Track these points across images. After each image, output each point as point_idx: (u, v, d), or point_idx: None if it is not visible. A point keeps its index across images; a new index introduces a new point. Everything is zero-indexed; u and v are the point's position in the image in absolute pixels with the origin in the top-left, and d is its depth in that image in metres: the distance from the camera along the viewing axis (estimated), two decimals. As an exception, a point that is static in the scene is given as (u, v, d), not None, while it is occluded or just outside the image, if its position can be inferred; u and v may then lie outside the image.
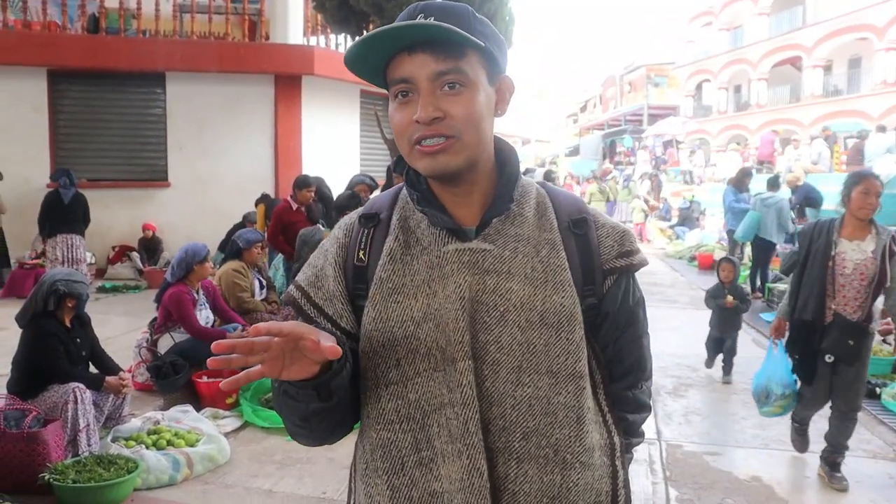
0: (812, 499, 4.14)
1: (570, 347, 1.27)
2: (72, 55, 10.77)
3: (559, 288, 1.28)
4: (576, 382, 1.28)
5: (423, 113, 1.21)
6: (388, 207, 1.37)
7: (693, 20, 39.33)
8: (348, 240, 1.36)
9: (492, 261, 1.27)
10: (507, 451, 1.24)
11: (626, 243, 1.37)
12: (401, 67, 1.23)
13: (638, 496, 4.09)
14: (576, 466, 1.27)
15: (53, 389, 4.27)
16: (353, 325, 1.32)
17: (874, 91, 26.10)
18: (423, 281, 1.27)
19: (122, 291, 9.97)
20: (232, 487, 4.14)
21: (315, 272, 1.37)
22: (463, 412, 1.22)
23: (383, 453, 1.28)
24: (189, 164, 11.32)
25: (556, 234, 1.33)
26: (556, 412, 1.26)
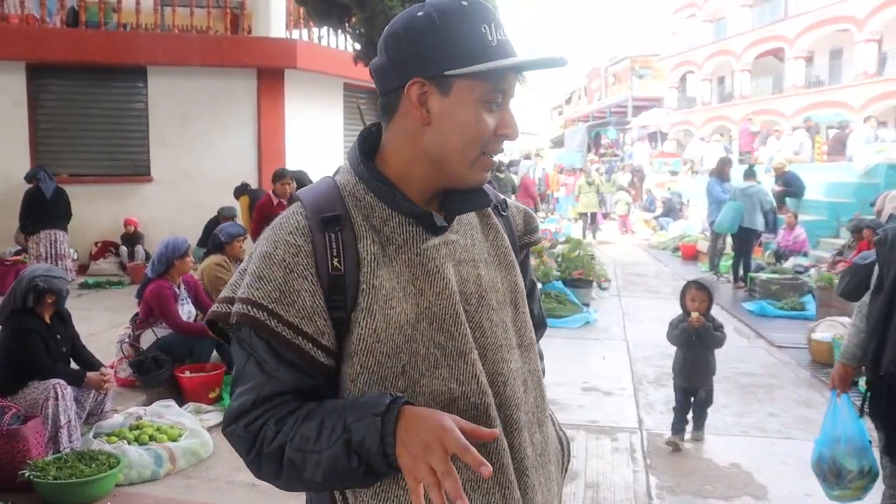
0: (790, 483, 4.19)
1: (526, 319, 1.38)
2: (51, 49, 10.66)
3: (511, 268, 1.37)
4: (533, 350, 1.39)
5: (517, 132, 1.28)
6: (341, 206, 1.26)
7: (677, 12, 39.46)
8: (312, 246, 1.22)
9: (461, 251, 1.30)
10: (508, 425, 1.28)
11: (530, 220, 1.50)
12: (507, 80, 1.26)
13: (619, 485, 4.13)
14: (545, 422, 1.39)
15: (34, 386, 4.24)
16: (333, 343, 1.22)
17: (855, 82, 26.31)
18: (408, 281, 1.23)
19: (104, 287, 9.91)
20: (215, 481, 4.14)
21: (278, 287, 1.19)
22: (482, 400, 1.23)
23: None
24: (171, 159, 11.25)
25: (492, 217, 1.40)
26: (527, 380, 1.35)
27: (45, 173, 9.20)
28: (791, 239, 11.54)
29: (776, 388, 5.84)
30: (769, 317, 8.56)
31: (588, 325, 8.07)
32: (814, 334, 6.71)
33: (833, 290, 8.22)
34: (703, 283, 4.80)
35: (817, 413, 5.27)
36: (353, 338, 1.21)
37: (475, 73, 1.20)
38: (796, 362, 6.64)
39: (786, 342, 7.32)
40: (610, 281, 10.64)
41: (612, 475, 4.25)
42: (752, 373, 6.30)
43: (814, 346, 6.62)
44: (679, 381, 4.77)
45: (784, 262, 11.01)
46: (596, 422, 5.13)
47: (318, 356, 1.20)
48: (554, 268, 9.23)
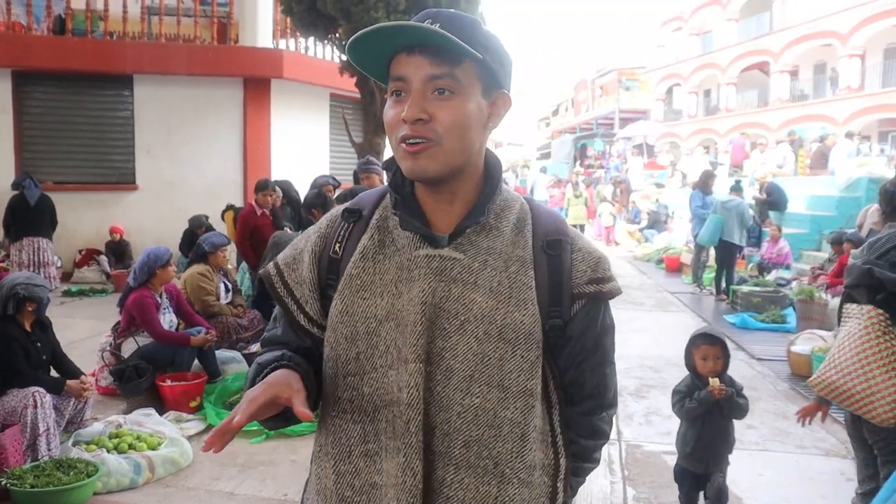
0: (767, 495, 4.23)
1: (523, 365, 1.29)
2: (38, 56, 10.65)
3: (521, 305, 1.29)
4: (525, 399, 1.29)
5: (409, 112, 1.24)
6: (372, 206, 1.40)
7: (664, 25, 39.85)
8: (329, 230, 1.40)
9: (459, 270, 1.29)
10: (446, 457, 1.27)
11: (600, 270, 1.37)
12: (398, 66, 1.27)
13: (596, 496, 4.16)
14: (513, 481, 1.30)
15: (13, 394, 4.23)
16: (317, 313, 1.37)
17: (838, 96, 26.62)
18: (390, 281, 1.30)
19: (88, 295, 9.89)
20: (193, 490, 4.14)
21: (294, 254, 1.42)
22: (406, 412, 1.24)
23: (334, 439, 1.34)
24: (157, 167, 11.25)
25: (528, 252, 1.34)
26: (501, 426, 1.28)
27: (30, 181, 9.21)
28: (775, 251, 11.65)
29: (755, 401, 5.84)
30: (750, 329, 8.63)
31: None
32: (793, 347, 6.77)
33: (814, 302, 8.33)
34: (716, 335, 3.64)
35: (794, 425, 5.30)
36: (329, 314, 1.35)
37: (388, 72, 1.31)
38: (776, 375, 6.70)
39: (766, 354, 7.38)
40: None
41: (590, 486, 4.27)
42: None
43: (793, 358, 6.68)
44: (688, 464, 3.61)
45: (767, 274, 11.11)
46: (575, 432, 5.15)
47: (300, 319, 1.38)
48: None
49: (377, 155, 9.21)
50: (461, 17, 1.29)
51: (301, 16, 9.43)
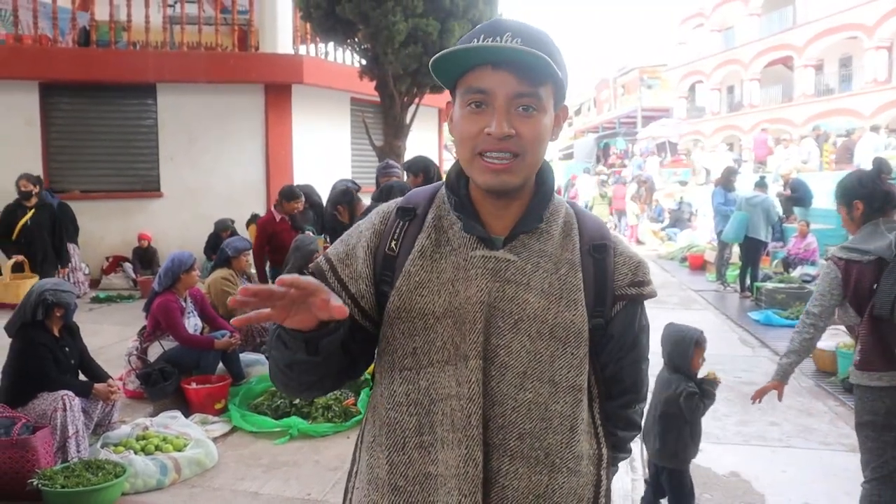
0: (790, 492, 4.22)
1: (573, 362, 1.37)
2: (63, 68, 10.84)
3: (571, 306, 1.36)
4: (574, 394, 1.38)
5: (498, 129, 1.28)
6: (426, 205, 1.45)
7: (685, 22, 39.56)
8: (383, 227, 1.44)
9: (514, 271, 1.36)
10: (502, 448, 1.34)
11: (640, 274, 1.46)
12: (482, 79, 1.29)
13: (617, 492, 4.17)
14: (563, 471, 1.37)
15: (43, 397, 4.34)
16: (372, 308, 1.41)
17: (865, 89, 26.26)
18: (448, 280, 1.35)
19: (115, 301, 10.03)
20: (219, 490, 4.21)
21: (346, 250, 1.44)
22: (468, 406, 1.31)
23: (389, 431, 1.38)
24: (181, 175, 11.39)
25: (576, 255, 1.41)
26: (552, 419, 1.36)
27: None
28: (802, 247, 11.53)
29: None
30: (775, 326, 8.57)
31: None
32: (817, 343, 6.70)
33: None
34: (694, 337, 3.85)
35: (818, 422, 5.31)
36: (385, 309, 1.39)
37: (461, 81, 1.33)
38: (800, 371, 6.62)
39: (790, 351, 7.31)
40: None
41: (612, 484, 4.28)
42: (755, 382, 6.30)
43: (817, 354, 6.62)
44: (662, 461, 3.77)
45: (792, 270, 11.01)
46: (597, 431, 5.16)
47: (354, 313, 1.39)
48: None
49: (397, 158, 9.26)
50: (539, 33, 1.32)
51: (320, 21, 9.49)
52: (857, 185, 3.33)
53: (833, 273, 3.20)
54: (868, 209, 3.26)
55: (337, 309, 1.16)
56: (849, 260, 3.17)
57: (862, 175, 3.43)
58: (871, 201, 3.26)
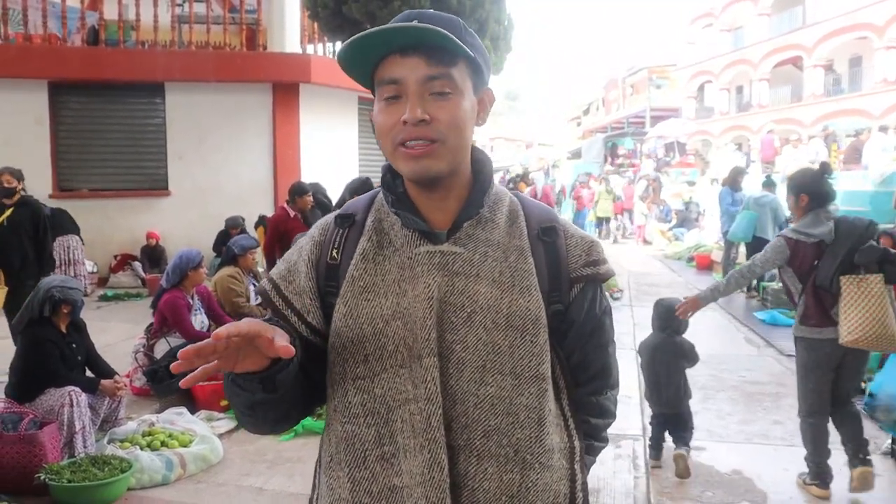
0: (791, 490, 4.22)
1: (534, 350, 1.31)
2: (72, 67, 10.92)
3: (525, 292, 1.32)
4: (538, 384, 1.32)
5: (411, 114, 1.25)
6: (364, 210, 1.42)
7: (694, 21, 39.46)
8: (323, 238, 1.40)
9: (461, 263, 1.31)
10: (468, 449, 1.28)
11: (594, 253, 1.41)
12: (391, 68, 1.27)
13: (619, 490, 4.19)
14: (535, 467, 1.31)
15: (50, 393, 4.38)
16: (320, 321, 1.35)
17: (875, 89, 26.14)
18: (393, 280, 1.31)
19: (123, 299, 10.10)
20: (223, 486, 4.25)
21: (288, 267, 1.40)
22: (426, 408, 1.26)
23: (347, 446, 1.32)
24: (189, 173, 11.45)
25: (525, 241, 1.37)
26: (517, 412, 1.30)
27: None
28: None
29: (783, 397, 5.85)
30: (780, 326, 8.54)
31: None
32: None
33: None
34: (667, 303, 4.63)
35: (822, 420, 5.30)
36: (332, 319, 1.34)
37: (376, 77, 1.31)
38: (805, 370, 6.63)
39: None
40: (622, 291, 10.67)
41: (613, 481, 4.30)
42: (760, 381, 6.33)
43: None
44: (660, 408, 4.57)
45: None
46: (600, 429, 5.17)
47: (302, 329, 1.35)
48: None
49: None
50: (447, 16, 1.31)
51: (327, 20, 9.54)
52: (806, 181, 4.14)
53: (782, 247, 4.09)
54: (812, 201, 4.07)
55: (283, 349, 1.11)
56: (797, 240, 4.05)
57: (809, 173, 4.28)
58: (814, 195, 4.07)
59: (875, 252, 3.89)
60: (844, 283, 3.87)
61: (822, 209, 4.07)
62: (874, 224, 4.08)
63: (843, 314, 3.86)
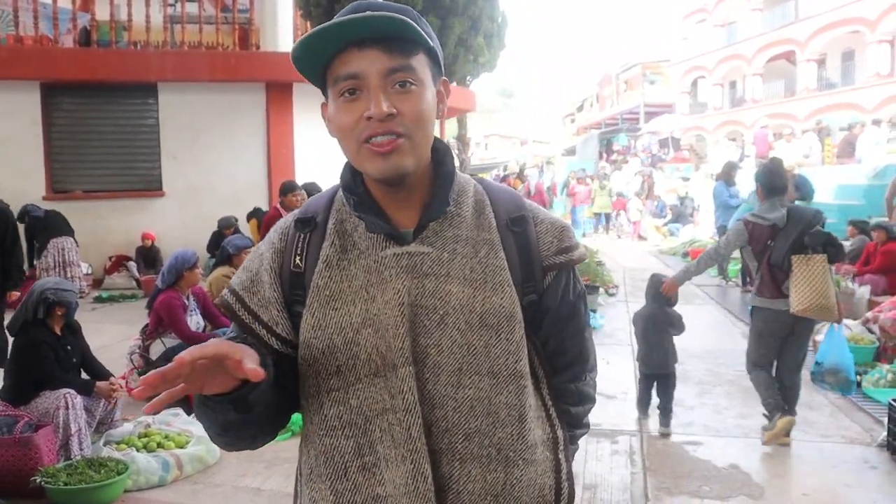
0: (788, 484, 4.23)
1: (510, 347, 1.28)
2: (64, 68, 10.89)
3: (498, 289, 1.28)
4: (517, 382, 1.29)
5: (376, 109, 1.18)
6: (324, 210, 1.34)
7: (687, 17, 39.49)
8: (284, 245, 1.34)
9: (430, 264, 1.27)
10: (450, 453, 1.26)
11: (566, 239, 1.37)
12: (349, 63, 1.20)
13: (616, 486, 4.19)
14: (518, 463, 1.29)
15: (45, 395, 4.36)
16: (289, 332, 1.30)
17: (867, 83, 26.22)
18: (361, 286, 1.26)
19: (118, 301, 10.08)
20: (220, 486, 4.24)
21: (250, 277, 1.33)
22: (406, 418, 1.23)
23: (326, 459, 1.29)
24: (183, 174, 11.43)
25: (494, 233, 1.32)
26: (497, 412, 1.27)
27: (31, 206, 9.60)
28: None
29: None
30: (776, 320, 8.54)
31: (594, 330, 8.14)
32: (818, 336, 6.71)
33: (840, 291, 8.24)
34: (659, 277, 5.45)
35: (818, 415, 5.31)
36: (300, 330, 1.29)
37: (329, 73, 1.24)
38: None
39: (791, 345, 7.31)
40: (617, 287, 10.68)
41: (611, 477, 4.31)
42: (756, 375, 6.32)
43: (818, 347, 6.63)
44: (649, 369, 5.27)
45: (794, 265, 10.99)
46: (598, 425, 5.17)
47: (272, 342, 1.29)
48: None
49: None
50: (401, 6, 1.24)
51: (319, 19, 9.52)
52: (761, 175, 4.94)
53: (742, 230, 4.80)
54: (766, 191, 4.79)
55: (251, 372, 1.05)
56: (754, 223, 4.75)
57: (765, 167, 5.08)
58: (767, 186, 4.80)
59: (821, 236, 4.54)
60: (795, 262, 4.50)
61: (777, 198, 4.75)
62: (820, 213, 4.81)
63: (794, 288, 4.50)
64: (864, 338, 6.32)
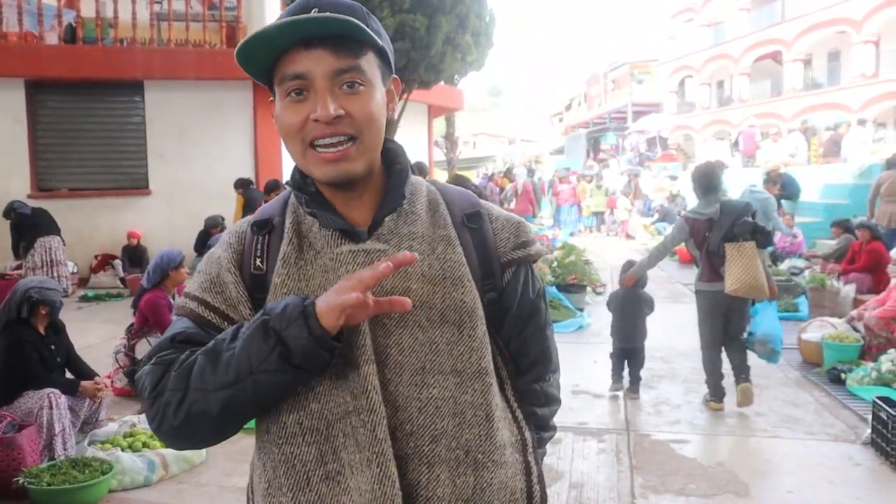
0: (773, 481, 4.24)
1: (473, 344, 1.24)
2: (50, 65, 10.82)
3: (458, 284, 1.25)
4: (482, 380, 1.25)
5: (322, 111, 1.16)
6: (280, 212, 1.31)
7: (675, 16, 39.63)
8: (242, 247, 1.29)
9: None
10: (416, 457, 1.20)
11: (522, 234, 1.35)
12: (295, 62, 1.17)
13: (603, 485, 4.20)
14: (488, 466, 1.25)
15: (29, 395, 4.33)
16: None
17: (853, 83, 26.40)
18: (318, 285, 1.21)
19: (104, 300, 10.02)
20: (206, 486, 4.22)
21: (210, 279, 1.27)
22: (370, 419, 1.17)
23: (287, 469, 1.21)
24: (169, 172, 11.38)
25: (450, 229, 1.29)
26: (464, 412, 1.23)
27: (18, 203, 9.50)
28: (788, 240, 11.58)
29: (765, 389, 5.88)
30: (762, 318, 8.59)
31: (581, 329, 8.17)
32: (804, 335, 6.76)
33: (825, 290, 8.30)
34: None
35: (803, 412, 5.34)
36: None
37: (276, 72, 1.21)
38: (786, 363, 6.67)
39: (777, 343, 7.35)
40: (605, 286, 10.69)
41: (597, 475, 4.31)
42: (742, 373, 6.35)
43: (804, 346, 6.67)
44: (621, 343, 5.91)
45: (780, 263, 11.05)
46: (584, 424, 5.19)
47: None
48: (548, 273, 9.32)
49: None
50: (348, 3, 1.22)
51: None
52: (696, 176, 5.60)
53: (682, 226, 5.52)
54: (701, 190, 5.48)
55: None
56: (693, 219, 5.43)
57: (699, 170, 5.68)
58: (701, 186, 5.47)
59: (749, 225, 5.16)
60: (728, 249, 5.15)
61: (712, 195, 5.40)
62: (749, 205, 5.43)
63: (727, 271, 5.14)
64: (849, 336, 6.35)
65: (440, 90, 15.02)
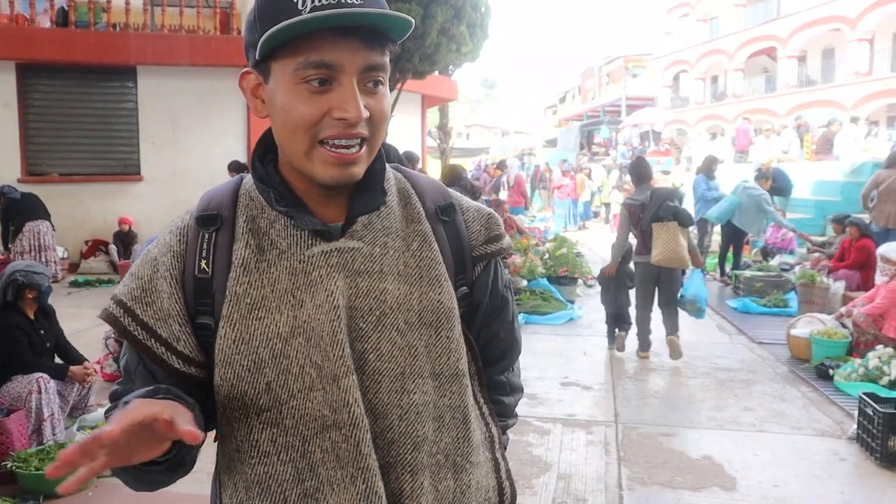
0: (760, 475, 4.27)
1: (451, 346, 1.19)
2: (41, 49, 10.73)
3: (435, 284, 1.18)
4: (459, 381, 1.21)
5: (355, 112, 1.05)
6: (229, 206, 1.17)
7: (670, 11, 39.65)
8: (184, 247, 1.15)
9: (362, 260, 1.14)
10: (398, 466, 1.14)
11: (493, 227, 1.29)
12: (323, 49, 1.03)
13: (591, 476, 4.22)
14: (466, 468, 1.22)
15: (17, 380, 4.32)
16: (193, 349, 1.13)
17: (847, 81, 26.47)
18: (285, 290, 1.11)
19: (94, 286, 9.99)
20: (195, 472, 4.09)
21: (141, 285, 1.12)
22: (354, 433, 1.09)
23: (261, 490, 1.13)
24: (162, 158, 11.33)
25: (425, 223, 1.22)
26: (442, 416, 1.19)
27: (8, 187, 9.44)
28: (779, 236, 11.62)
29: (753, 384, 5.92)
30: (752, 314, 8.64)
31: (572, 321, 8.19)
32: (793, 330, 6.79)
33: (815, 286, 8.34)
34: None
35: (791, 407, 5.38)
36: (214, 347, 1.12)
37: (285, 50, 1.05)
38: (775, 358, 6.72)
39: (766, 338, 7.40)
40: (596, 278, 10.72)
41: (585, 467, 4.33)
42: (731, 368, 6.39)
43: (792, 341, 6.70)
44: (612, 309, 6.90)
45: (771, 259, 11.10)
46: (573, 415, 5.21)
47: (172, 361, 1.12)
48: (539, 265, 9.33)
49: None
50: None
51: (302, 5, 9.45)
52: (631, 168, 6.98)
53: (624, 212, 6.57)
54: (634, 179, 6.75)
55: (188, 434, 0.90)
56: (630, 205, 6.49)
57: (633, 163, 7.06)
58: (634, 176, 6.77)
59: (671, 208, 6.21)
60: (654, 228, 6.24)
61: (644, 184, 6.53)
62: (675, 191, 6.67)
63: (654, 246, 6.24)
64: (837, 332, 6.39)
65: (434, 80, 14.99)
